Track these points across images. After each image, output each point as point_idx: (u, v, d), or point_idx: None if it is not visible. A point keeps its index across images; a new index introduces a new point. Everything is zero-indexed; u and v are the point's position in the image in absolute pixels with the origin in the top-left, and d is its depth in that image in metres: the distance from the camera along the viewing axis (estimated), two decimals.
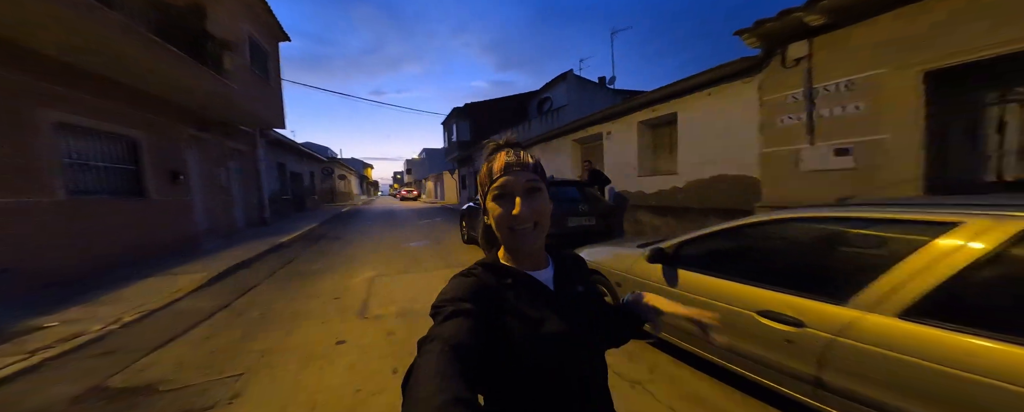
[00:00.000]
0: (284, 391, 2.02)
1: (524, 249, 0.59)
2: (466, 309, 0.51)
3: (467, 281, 0.57)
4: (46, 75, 4.02)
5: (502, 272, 0.60)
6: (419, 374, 0.41)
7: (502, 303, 0.56)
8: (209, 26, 6.42)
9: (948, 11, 2.56)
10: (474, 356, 0.46)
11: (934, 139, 2.68)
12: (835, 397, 1.26)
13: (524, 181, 0.56)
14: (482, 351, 0.48)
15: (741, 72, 4.19)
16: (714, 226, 1.98)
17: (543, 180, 0.60)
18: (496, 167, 0.58)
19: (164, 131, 5.93)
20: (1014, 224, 1.00)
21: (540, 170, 0.60)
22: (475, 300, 0.53)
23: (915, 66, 2.68)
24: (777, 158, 3.74)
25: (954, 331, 1.01)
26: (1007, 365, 0.90)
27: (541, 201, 0.58)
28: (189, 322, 3.16)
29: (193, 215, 6.60)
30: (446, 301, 0.53)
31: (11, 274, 3.52)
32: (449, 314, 0.50)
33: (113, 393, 2.08)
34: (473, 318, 0.50)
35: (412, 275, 4.69)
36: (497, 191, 0.57)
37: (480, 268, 0.60)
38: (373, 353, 2.46)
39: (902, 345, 1.08)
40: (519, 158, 0.58)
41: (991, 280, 1.03)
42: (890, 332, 1.11)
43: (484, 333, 0.50)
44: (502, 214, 0.56)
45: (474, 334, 0.48)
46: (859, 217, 1.41)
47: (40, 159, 3.88)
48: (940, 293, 1.05)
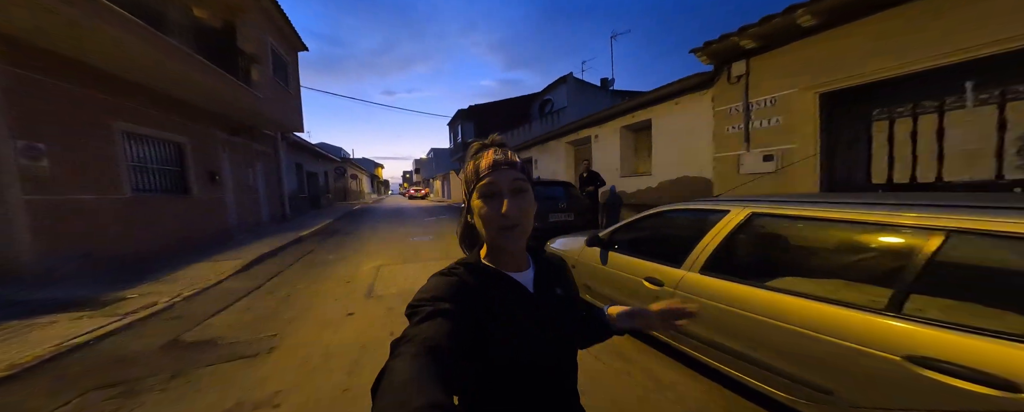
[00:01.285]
0: (307, 345, 2.72)
1: (508, 249, 0.59)
2: (445, 309, 0.50)
3: (447, 280, 0.56)
4: (117, 92, 4.90)
5: (483, 272, 0.59)
6: (392, 377, 0.40)
7: (481, 304, 0.55)
8: (239, 42, 7.32)
9: (835, 44, 3.13)
10: (451, 358, 0.45)
11: (827, 149, 3.24)
12: (676, 333, 1.88)
13: (511, 179, 0.56)
14: (460, 352, 0.47)
15: (698, 85, 4.75)
16: (630, 218, 2.60)
17: (529, 180, 0.59)
18: (483, 165, 0.57)
19: (203, 136, 6.84)
20: (751, 208, 1.62)
21: (526, 170, 0.60)
22: (455, 300, 0.52)
23: (813, 88, 3.25)
24: (724, 162, 4.31)
25: (723, 279, 1.63)
26: (746, 299, 1.51)
27: (527, 201, 0.57)
28: (232, 298, 3.96)
29: (226, 211, 7.53)
30: (424, 300, 0.53)
31: (92, 257, 4.41)
32: (427, 314, 0.49)
33: (186, 344, 2.84)
34: (452, 319, 0.49)
35: (414, 265, 5.40)
36: (484, 189, 0.56)
37: (461, 267, 0.60)
38: (375, 322, 3.16)
39: (702, 291, 1.70)
40: (506, 157, 0.58)
41: (737, 246, 1.65)
42: (697, 283, 1.73)
43: (463, 334, 0.49)
44: (489, 213, 0.55)
45: (452, 335, 0.47)
46: (693, 209, 2.05)
47: (113, 163, 4.77)
48: (716, 255, 1.68)
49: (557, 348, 0.59)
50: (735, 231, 1.67)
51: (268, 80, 8.44)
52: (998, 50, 2.34)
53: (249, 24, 7.71)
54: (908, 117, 2.98)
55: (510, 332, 0.55)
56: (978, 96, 2.63)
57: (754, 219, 1.65)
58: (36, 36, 3.70)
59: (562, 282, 0.68)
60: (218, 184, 7.17)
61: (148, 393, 2.08)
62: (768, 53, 3.67)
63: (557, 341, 0.60)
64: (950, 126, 2.78)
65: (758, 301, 1.45)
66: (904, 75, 2.72)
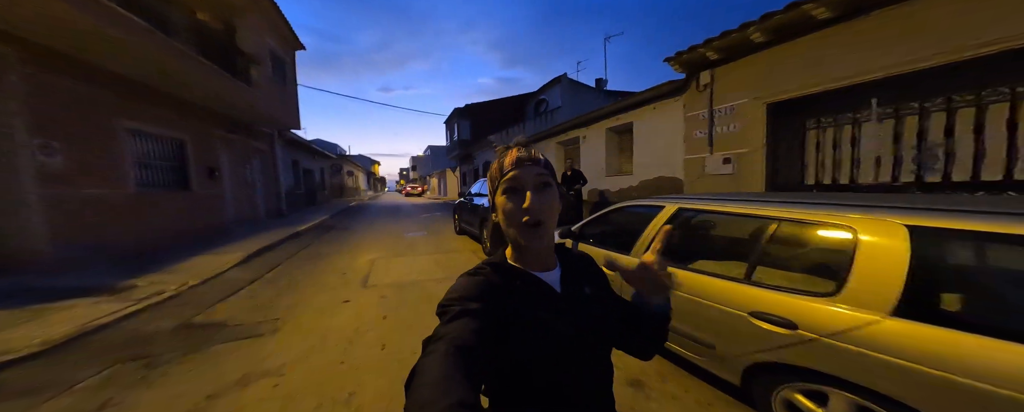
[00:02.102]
0: (306, 327, 3.02)
1: (531, 247, 0.58)
2: (473, 309, 0.51)
3: (474, 280, 0.57)
4: (123, 91, 5.14)
5: (509, 272, 0.59)
6: (423, 376, 0.42)
7: (508, 304, 0.55)
8: (239, 43, 7.53)
9: (778, 60, 3.52)
10: (479, 357, 0.46)
11: (771, 154, 3.63)
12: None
13: (535, 175, 0.56)
14: (487, 352, 0.48)
15: (672, 92, 5.10)
16: (598, 213, 2.95)
17: (552, 177, 0.59)
18: (507, 162, 0.58)
19: (202, 134, 7.07)
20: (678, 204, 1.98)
21: (550, 167, 0.60)
22: (482, 300, 0.53)
23: (761, 99, 3.63)
24: (693, 164, 4.68)
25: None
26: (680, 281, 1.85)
27: (551, 197, 0.57)
28: (235, 287, 4.25)
29: (225, 206, 7.76)
30: (453, 300, 0.53)
31: (101, 248, 4.66)
32: (455, 314, 0.50)
33: (197, 325, 3.14)
34: (479, 318, 0.50)
35: (407, 258, 5.71)
36: (508, 185, 0.56)
37: (488, 268, 0.60)
38: (370, 308, 3.46)
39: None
40: (529, 154, 0.58)
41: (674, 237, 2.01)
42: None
43: (490, 333, 0.50)
44: (512, 208, 0.55)
45: (480, 335, 0.48)
46: (640, 205, 2.40)
47: (119, 159, 5.02)
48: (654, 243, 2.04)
49: (586, 348, 0.58)
50: (667, 223, 2.03)
51: (266, 79, 8.65)
52: (892, 73, 2.74)
53: (248, 25, 7.92)
54: (831, 127, 3.39)
55: (536, 333, 0.54)
56: (882, 111, 3.04)
57: (681, 213, 2.00)
58: (51, 40, 3.94)
59: (592, 280, 0.66)
60: (216, 180, 7.41)
61: (168, 365, 2.39)
62: (728, 65, 4.04)
63: (586, 341, 0.58)
64: (862, 136, 3.19)
65: (680, 280, 1.80)
66: (826, 91, 3.12)
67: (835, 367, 1.17)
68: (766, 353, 1.35)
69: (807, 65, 3.25)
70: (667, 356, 2.17)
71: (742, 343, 1.45)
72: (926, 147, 2.79)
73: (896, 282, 1.10)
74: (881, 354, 1.07)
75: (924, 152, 2.79)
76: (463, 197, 7.86)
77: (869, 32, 2.84)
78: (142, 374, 2.28)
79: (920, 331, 1.03)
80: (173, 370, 2.33)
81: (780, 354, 1.31)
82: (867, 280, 1.16)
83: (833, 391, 1.22)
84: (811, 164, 3.57)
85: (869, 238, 1.20)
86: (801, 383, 1.30)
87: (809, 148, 3.56)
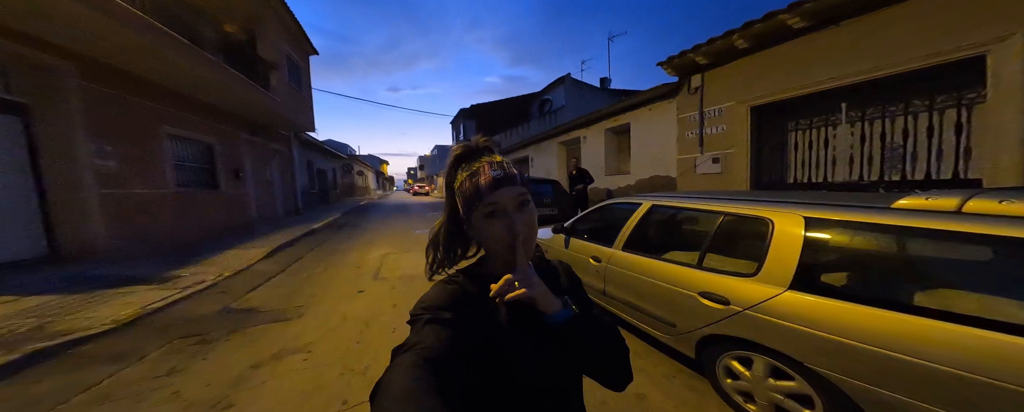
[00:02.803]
0: (327, 312, 3.42)
1: (515, 262, 0.56)
2: (445, 318, 0.50)
3: (448, 289, 0.56)
4: (162, 99, 5.66)
5: (485, 281, 0.57)
6: (390, 388, 0.40)
7: (482, 314, 0.54)
8: (259, 51, 8.04)
9: (762, 65, 3.78)
10: (450, 368, 0.45)
11: (755, 154, 3.86)
12: (606, 297, 2.53)
13: (515, 196, 0.56)
14: (459, 362, 0.47)
15: (667, 94, 5.34)
16: (588, 210, 3.25)
17: (527, 189, 0.58)
18: (482, 183, 0.55)
19: (228, 137, 7.61)
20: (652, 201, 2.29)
21: (525, 180, 0.59)
22: (455, 309, 0.52)
23: (746, 101, 3.87)
24: (685, 163, 4.93)
25: (634, 254, 2.28)
26: (643, 267, 2.16)
27: (530, 212, 0.57)
28: (264, 277, 4.70)
29: (248, 204, 8.32)
30: (425, 309, 0.53)
31: (146, 241, 5.20)
32: (427, 321, 0.50)
33: (235, 309, 3.58)
34: (451, 328, 0.49)
35: (414, 253, 6.10)
36: (489, 209, 0.55)
37: (462, 276, 0.60)
38: (382, 297, 3.85)
39: (621, 263, 2.35)
40: (505, 171, 0.56)
41: (645, 230, 2.32)
42: (620, 258, 2.39)
43: (461, 343, 0.49)
44: (496, 233, 0.55)
45: (451, 343, 0.47)
46: (622, 202, 2.71)
47: (161, 161, 5.54)
48: (631, 236, 2.34)
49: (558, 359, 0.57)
50: (643, 218, 2.33)
51: (284, 84, 9.16)
52: (858, 80, 2.97)
53: (267, 33, 8.42)
54: (807, 130, 3.62)
55: (509, 341, 0.54)
56: (852, 115, 3.27)
57: (654, 209, 2.30)
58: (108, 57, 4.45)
59: (567, 290, 0.66)
60: (241, 180, 7.96)
61: (217, 342, 2.81)
62: (717, 69, 4.27)
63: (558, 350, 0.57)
64: (833, 138, 3.41)
65: (650, 267, 2.11)
66: (803, 95, 3.36)
67: (753, 334, 1.48)
68: (711, 327, 1.66)
69: (786, 71, 3.49)
70: (641, 336, 2.48)
71: (694, 319, 1.76)
72: (887, 148, 3.01)
73: (792, 261, 1.40)
74: (781, 320, 1.38)
75: (886, 153, 3.02)
76: None
77: (839, 42, 3.08)
78: (196, 348, 2.71)
79: (806, 300, 1.34)
80: (220, 346, 2.76)
81: (719, 327, 1.61)
82: (776, 261, 1.46)
83: (755, 355, 1.52)
84: (794, 164, 3.80)
85: (780, 227, 1.51)
86: (737, 351, 1.60)
87: (791, 148, 3.80)
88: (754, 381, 1.54)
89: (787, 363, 1.40)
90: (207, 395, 2.08)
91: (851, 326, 1.21)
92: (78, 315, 2.99)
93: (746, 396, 1.61)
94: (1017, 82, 2.25)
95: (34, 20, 3.55)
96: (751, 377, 1.55)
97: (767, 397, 1.50)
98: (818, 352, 1.28)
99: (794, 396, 1.42)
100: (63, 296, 3.41)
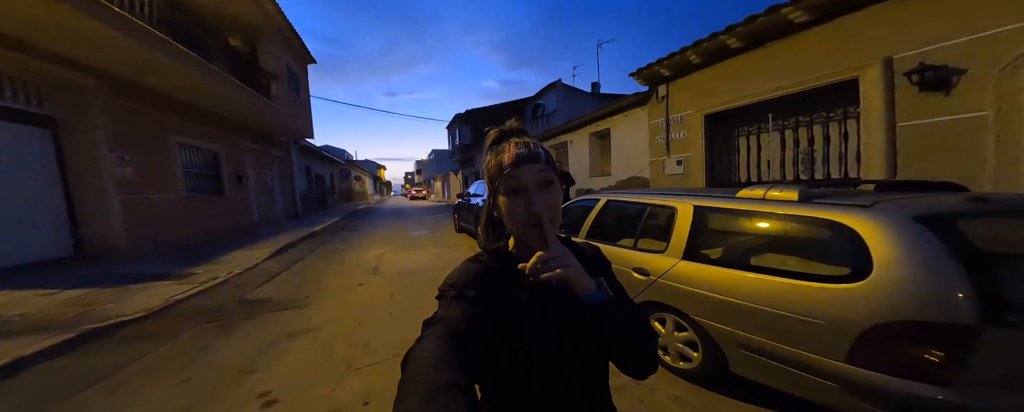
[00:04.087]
0: (331, 303, 3.84)
1: (537, 243, 0.55)
2: (470, 296, 0.52)
3: (473, 267, 0.58)
4: (173, 110, 6.09)
5: (510, 262, 0.58)
6: (417, 356, 0.43)
7: (506, 293, 0.55)
8: (261, 62, 8.48)
9: (711, 78, 4.32)
10: (473, 342, 0.47)
11: (709, 157, 4.39)
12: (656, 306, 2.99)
13: (536, 172, 0.55)
14: (481, 338, 0.49)
15: (639, 102, 5.86)
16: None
17: (554, 171, 0.58)
18: (506, 160, 0.55)
19: (232, 145, 8.02)
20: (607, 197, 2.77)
21: (551, 160, 0.59)
22: (478, 287, 0.54)
23: (701, 110, 4.39)
24: (656, 165, 5.44)
25: (600, 242, 2.76)
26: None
27: (554, 194, 0.56)
28: (271, 274, 5.12)
29: (251, 209, 8.72)
30: (451, 285, 0.55)
31: (160, 243, 5.60)
32: (453, 298, 0.52)
33: (249, 300, 4.00)
34: (475, 305, 0.51)
35: (410, 252, 6.54)
36: (509, 184, 0.55)
37: (487, 256, 0.61)
38: (380, 289, 4.28)
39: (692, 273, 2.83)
40: (529, 149, 0.56)
41: (602, 221, 2.80)
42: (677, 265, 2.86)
43: (484, 320, 0.51)
44: (516, 210, 0.55)
45: (474, 320, 0.49)
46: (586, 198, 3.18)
47: (172, 168, 5.96)
48: (592, 227, 2.82)
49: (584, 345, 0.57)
50: (600, 212, 2.80)
51: (284, 93, 9.59)
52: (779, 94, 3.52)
53: (268, 45, 8.87)
54: (746, 136, 4.16)
55: (533, 322, 0.54)
56: (778, 124, 3.82)
57: (609, 204, 2.78)
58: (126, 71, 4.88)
59: (594, 272, 0.61)
60: (244, 186, 8.36)
61: (238, 325, 3.24)
62: (678, 80, 4.80)
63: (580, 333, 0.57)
64: (766, 144, 3.95)
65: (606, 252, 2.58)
66: (743, 105, 3.91)
67: (664, 297, 1.95)
68: (640, 295, 2.12)
69: (729, 84, 4.02)
70: None
71: (631, 290, 2.22)
72: (801, 152, 3.55)
73: (684, 237, 1.88)
74: (677, 284, 1.85)
75: (799, 156, 3.55)
76: (462, 198, 8.66)
77: (766, 61, 3.62)
78: (220, 330, 3.13)
79: (692, 266, 1.82)
80: (240, 328, 3.18)
81: (645, 294, 2.08)
82: (676, 238, 1.94)
83: (667, 315, 1.99)
84: (740, 165, 4.33)
85: (680, 213, 2.00)
86: (658, 312, 2.07)
87: (738, 152, 4.33)
88: (667, 336, 2.01)
89: (683, 317, 1.87)
90: (237, 363, 2.51)
91: (713, 283, 1.70)
92: (114, 305, 3.41)
93: (663, 349, 2.08)
94: (878, 99, 2.79)
95: (68, 42, 3.98)
96: (665, 333, 2.02)
97: (674, 348, 1.98)
98: (697, 305, 1.76)
99: (688, 343, 1.90)
100: (97, 289, 3.82)
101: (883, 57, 2.71)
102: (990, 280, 1.00)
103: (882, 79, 2.72)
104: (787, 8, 3.18)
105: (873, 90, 2.76)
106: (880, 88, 2.71)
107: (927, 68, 2.39)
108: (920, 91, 2.52)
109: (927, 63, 2.43)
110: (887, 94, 2.73)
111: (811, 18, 3.12)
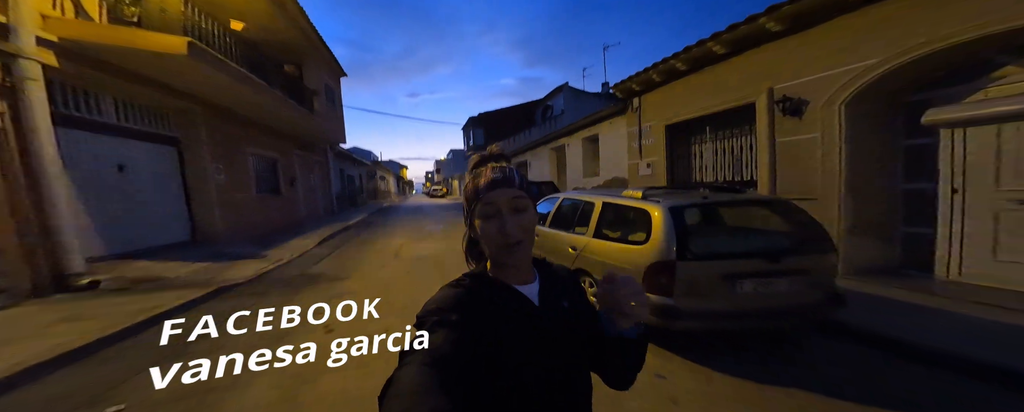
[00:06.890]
0: (365, 277, 5.16)
1: (511, 263, 0.59)
2: (451, 320, 0.52)
3: (454, 292, 0.58)
4: (247, 128, 7.74)
5: (489, 284, 0.60)
6: (399, 386, 0.42)
7: (488, 315, 0.56)
8: (306, 82, 10.09)
9: (670, 94, 5.21)
10: (456, 368, 0.47)
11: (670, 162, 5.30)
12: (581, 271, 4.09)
13: (510, 198, 0.57)
14: (464, 363, 0.49)
15: (619, 112, 6.79)
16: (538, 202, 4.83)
17: (528, 194, 0.60)
18: (482, 183, 0.58)
19: (285, 152, 9.70)
20: (564, 195, 3.86)
21: (525, 184, 0.60)
22: (460, 311, 0.54)
23: (663, 120, 5.32)
24: (632, 168, 6.38)
25: (553, 229, 3.85)
26: (556, 236, 3.72)
27: (528, 217, 0.58)
28: (320, 257, 6.60)
29: (299, 206, 10.43)
30: (431, 312, 0.55)
31: (241, 232, 7.26)
32: (433, 324, 0.52)
33: (308, 275, 5.42)
34: (458, 330, 0.51)
35: (425, 242, 7.89)
36: (483, 210, 0.57)
37: (468, 279, 0.61)
38: (399, 269, 5.59)
39: (546, 234, 3.91)
40: (504, 174, 0.58)
41: (561, 213, 3.89)
42: (545, 231, 3.95)
43: (468, 345, 0.50)
44: (490, 232, 0.57)
45: (458, 346, 0.49)
46: (551, 198, 4.26)
47: (248, 174, 7.62)
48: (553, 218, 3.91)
49: (564, 362, 0.59)
50: (559, 206, 3.88)
51: (323, 106, 11.20)
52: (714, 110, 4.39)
53: (311, 66, 10.48)
54: (697, 144, 5.03)
55: (514, 344, 0.55)
56: (712, 135, 4.69)
57: (564, 201, 3.86)
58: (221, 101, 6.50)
59: (571, 295, 0.66)
60: (294, 187, 10.06)
61: (304, 289, 4.63)
62: (647, 94, 5.72)
63: (564, 355, 0.59)
64: (707, 151, 4.82)
65: (556, 235, 3.66)
66: (693, 118, 4.80)
67: (584, 265, 3.02)
68: (574, 263, 3.20)
69: (682, 100, 4.93)
70: None
71: (569, 262, 3.31)
72: (734, 159, 4.41)
73: (595, 222, 2.94)
74: (589, 255, 2.92)
75: (724, 162, 4.42)
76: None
77: (704, 82, 4.50)
78: (293, 292, 4.54)
79: (597, 241, 2.90)
80: (304, 290, 4.58)
81: (576, 263, 3.16)
82: (592, 224, 3.00)
83: (586, 277, 3.06)
84: (694, 169, 5.22)
85: (597, 205, 3.05)
86: (583, 277, 3.14)
87: (692, 157, 5.22)
88: (588, 294, 3.07)
89: (592, 278, 2.94)
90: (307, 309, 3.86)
91: (602, 251, 2.76)
92: (225, 274, 4.92)
93: None
94: (764, 122, 3.65)
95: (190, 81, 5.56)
96: (588, 292, 3.10)
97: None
98: (595, 267, 2.83)
99: None
100: (211, 263, 5.40)
101: (768, 87, 3.57)
102: (684, 238, 2.03)
103: (767, 105, 3.59)
104: (710, 42, 4.09)
105: (762, 113, 3.63)
106: (766, 112, 3.58)
107: (788, 99, 3.24)
108: (785, 116, 3.37)
109: (788, 95, 3.27)
110: (770, 117, 3.60)
111: (727, 51, 4.01)
